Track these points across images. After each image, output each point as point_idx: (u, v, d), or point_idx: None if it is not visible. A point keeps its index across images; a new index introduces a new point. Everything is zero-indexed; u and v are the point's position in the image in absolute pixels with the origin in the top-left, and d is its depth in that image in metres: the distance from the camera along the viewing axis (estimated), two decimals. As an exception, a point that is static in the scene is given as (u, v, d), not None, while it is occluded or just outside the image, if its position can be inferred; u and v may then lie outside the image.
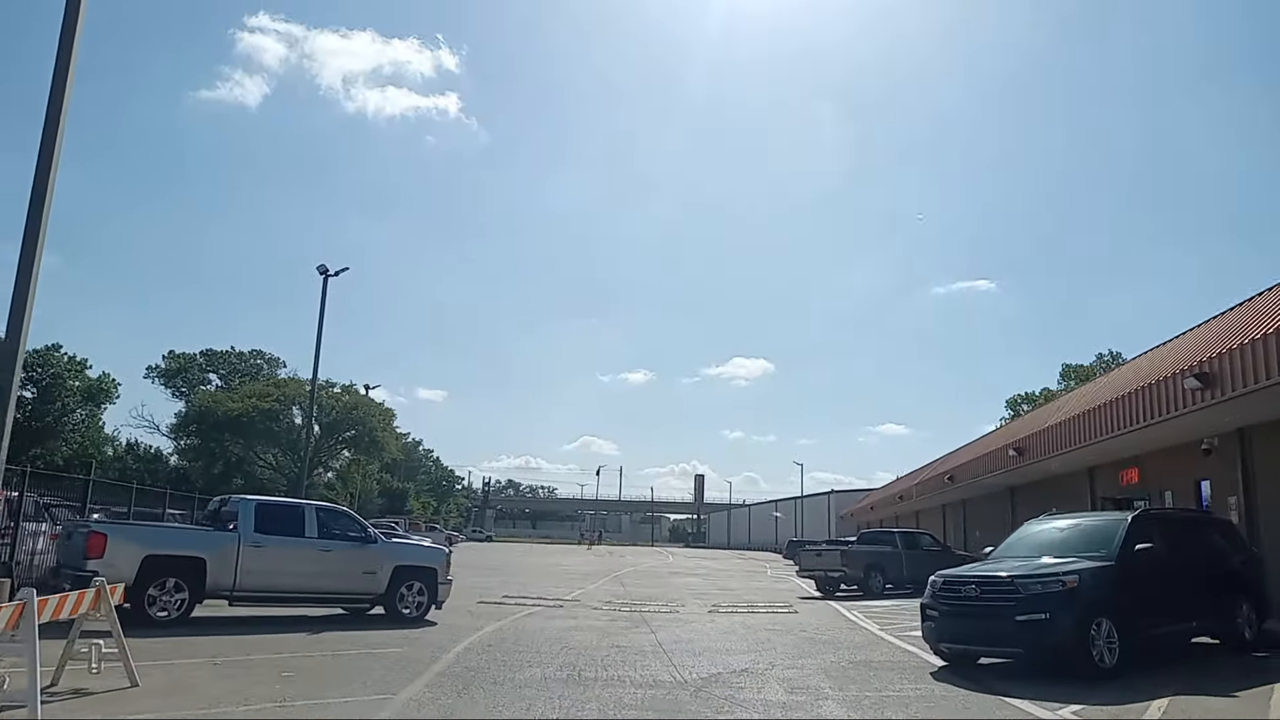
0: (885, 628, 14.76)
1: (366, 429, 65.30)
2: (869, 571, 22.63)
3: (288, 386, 66.05)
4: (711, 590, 25.71)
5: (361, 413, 66.17)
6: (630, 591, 23.64)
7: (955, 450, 35.30)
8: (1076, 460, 20.49)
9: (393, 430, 69.41)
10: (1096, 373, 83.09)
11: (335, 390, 67.13)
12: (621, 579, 30.35)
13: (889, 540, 23.80)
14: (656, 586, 26.78)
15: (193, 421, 64.78)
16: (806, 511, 79.93)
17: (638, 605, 19.02)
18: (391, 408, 70.33)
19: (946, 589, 10.25)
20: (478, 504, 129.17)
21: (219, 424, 63.00)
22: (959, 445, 34.00)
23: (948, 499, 34.06)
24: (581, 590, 23.63)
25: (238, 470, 64.58)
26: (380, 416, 66.92)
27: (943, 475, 30.20)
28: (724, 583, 30.52)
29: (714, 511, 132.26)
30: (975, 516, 31.39)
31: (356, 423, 65.43)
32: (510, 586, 24.09)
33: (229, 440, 64.48)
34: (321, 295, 29.95)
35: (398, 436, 73.06)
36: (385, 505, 69.71)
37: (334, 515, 13.88)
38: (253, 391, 65.54)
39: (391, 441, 68.23)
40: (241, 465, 65.64)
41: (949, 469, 29.78)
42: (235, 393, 66.59)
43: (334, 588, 13.34)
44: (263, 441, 65.77)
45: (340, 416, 66.15)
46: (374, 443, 65.64)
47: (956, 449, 52.10)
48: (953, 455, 34.58)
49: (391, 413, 69.78)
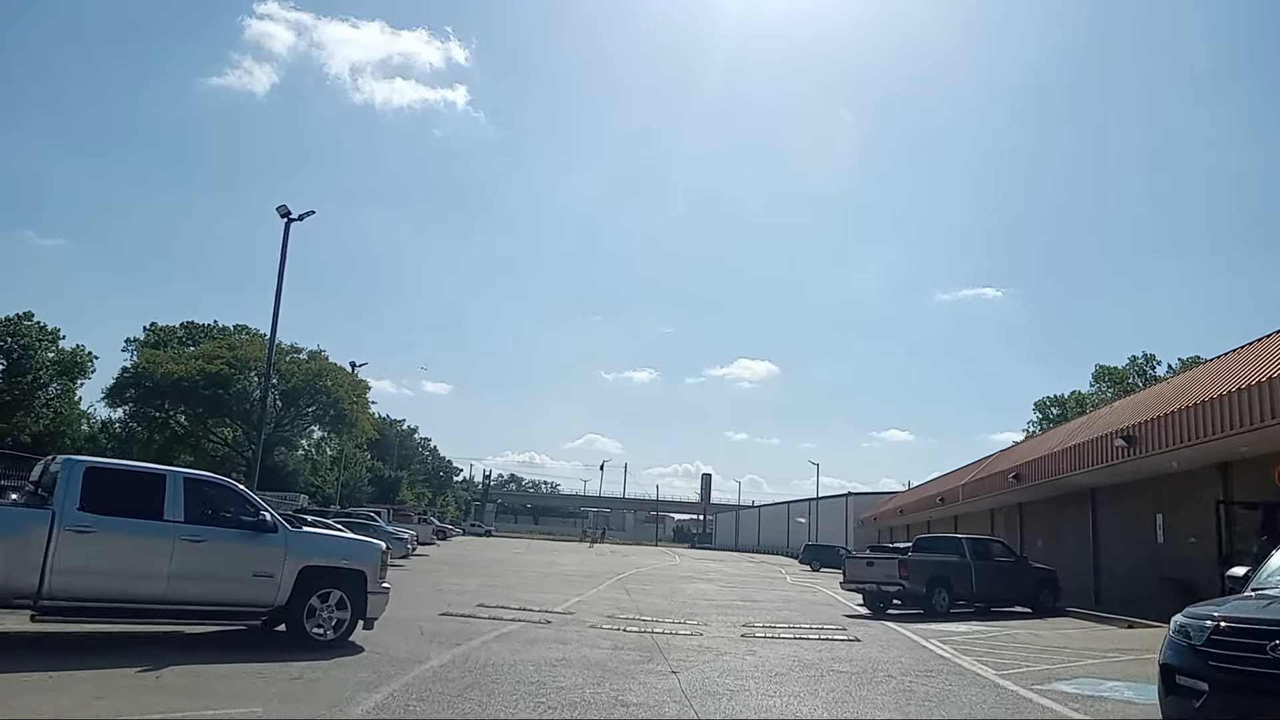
0: (1004, 673, 10.43)
1: (332, 399, 57.43)
2: (933, 586, 18.32)
3: (242, 348, 57.93)
4: (734, 601, 21.43)
5: (328, 381, 58.42)
6: (637, 602, 19.39)
7: (1011, 447, 31.01)
8: (1210, 453, 16.11)
9: (366, 404, 62.08)
10: (1130, 375, 79.18)
11: (299, 356, 59.24)
12: (626, 584, 26.10)
13: (955, 548, 19.48)
14: (667, 595, 22.52)
15: (128, 385, 56.36)
16: (822, 514, 75.49)
17: (648, 623, 14.74)
18: (366, 379, 62.68)
19: (1229, 644, 5.85)
20: (478, 497, 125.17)
21: (158, 389, 55.15)
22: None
23: (1001, 502, 29.69)
24: (578, 598, 19.37)
25: (183, 444, 58.58)
26: (350, 387, 59.03)
27: (1003, 474, 25.84)
28: (745, 591, 26.21)
29: (721, 512, 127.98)
30: (1037, 522, 27.00)
31: (321, 392, 57.61)
32: (492, 591, 19.84)
33: (170, 409, 57.20)
34: (283, 241, 25.86)
35: (373, 413, 66.03)
36: (375, 494, 65.55)
37: (212, 491, 9.55)
38: (200, 353, 57.61)
39: (364, 417, 60.39)
40: (188, 439, 59.38)
41: (1010, 466, 25.40)
42: (179, 354, 59.06)
43: (205, 596, 9.05)
44: (211, 411, 58.00)
45: (302, 384, 57.99)
46: (341, 416, 57.85)
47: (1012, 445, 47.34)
48: (1010, 452, 30.20)
49: (365, 384, 62.80)
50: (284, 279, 25.57)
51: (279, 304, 25.43)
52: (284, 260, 25.69)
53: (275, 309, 25.38)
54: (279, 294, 25.45)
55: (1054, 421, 76.66)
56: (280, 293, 25.43)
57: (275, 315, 25.47)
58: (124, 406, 57.75)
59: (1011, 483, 24.43)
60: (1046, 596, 20.23)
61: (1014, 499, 28.35)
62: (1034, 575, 20.27)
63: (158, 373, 54.94)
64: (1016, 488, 25.09)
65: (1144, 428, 17.15)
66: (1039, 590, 20.15)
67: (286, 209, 25.57)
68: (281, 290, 25.49)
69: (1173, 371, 74.23)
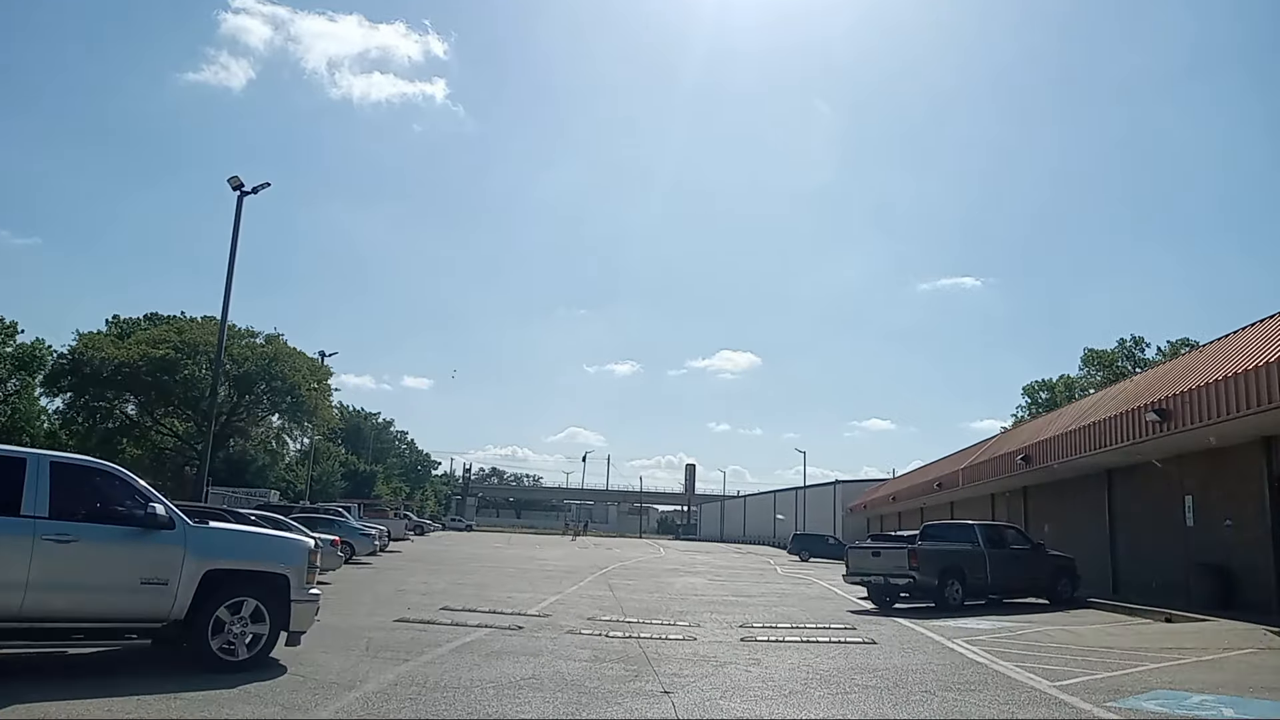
0: (1061, 684, 8.74)
1: (288, 385, 52.47)
2: (945, 577, 16.68)
3: (191, 331, 53.71)
4: (726, 597, 19.74)
5: (284, 366, 53.70)
6: (621, 600, 17.66)
7: (1015, 428, 29.51)
8: (1254, 427, 14.53)
9: (328, 391, 57.62)
10: (1119, 359, 78.22)
11: (254, 339, 55.06)
12: (609, 578, 24.38)
13: (967, 536, 17.85)
14: (654, 590, 20.81)
15: (66, 373, 52.50)
16: (810, 503, 74.06)
17: (634, 625, 13.02)
18: (330, 367, 58.42)
19: None
20: (458, 492, 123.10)
21: (97, 376, 51.02)
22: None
23: (1004, 486, 28.17)
24: (557, 596, 17.62)
25: (128, 435, 55.43)
26: (310, 372, 54.31)
27: (1007, 457, 24.30)
28: (736, 585, 24.56)
29: (706, 503, 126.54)
30: (1043, 507, 25.48)
31: (276, 378, 52.72)
32: (461, 591, 18.05)
33: (114, 398, 53.17)
34: (235, 215, 23.83)
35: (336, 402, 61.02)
36: (349, 489, 63.40)
37: (87, 478, 7.65)
38: (144, 337, 52.97)
39: (324, 404, 55.85)
40: (133, 430, 56.13)
41: (1018, 448, 23.85)
42: (119, 339, 54.69)
43: (77, 611, 7.18)
44: (158, 400, 53.81)
45: (256, 370, 53.49)
46: (299, 404, 53.22)
47: (1017, 425, 45.98)
48: (1014, 433, 28.69)
49: (327, 370, 58.30)
50: (236, 255, 23.59)
51: (231, 282, 23.45)
52: (237, 235, 23.71)
53: (227, 287, 23.40)
54: (230, 271, 23.48)
55: (1043, 405, 75.54)
56: (232, 270, 23.45)
57: (227, 294, 23.49)
58: (62, 396, 54.05)
59: (1020, 465, 22.87)
60: (1065, 586, 18.68)
61: (1018, 483, 26.85)
62: (1051, 563, 18.70)
63: (96, 358, 50.99)
64: (1023, 471, 23.56)
65: (1178, 400, 15.55)
66: (1056, 579, 18.59)
67: (239, 180, 23.55)
68: (234, 267, 23.51)
69: (1162, 354, 73.35)
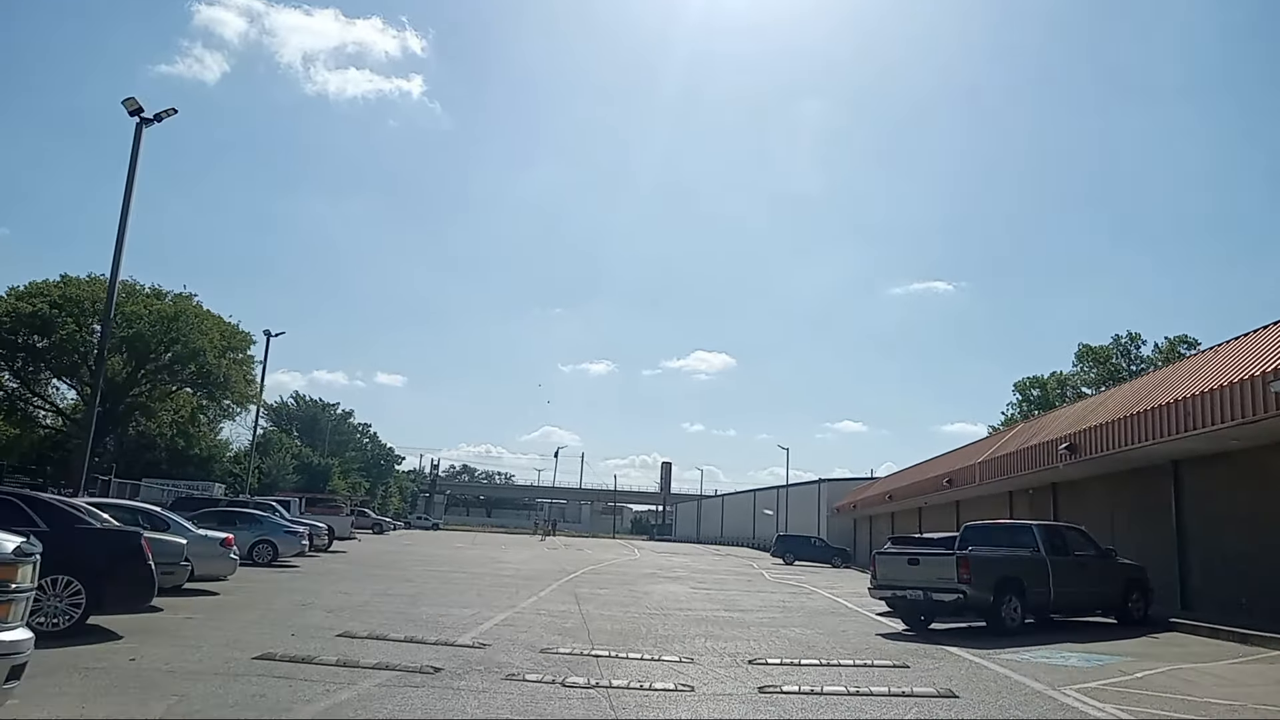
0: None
1: (190, 351, 43.39)
2: (1002, 592, 13.05)
3: (76, 287, 44.66)
4: (718, 612, 16.03)
5: (186, 328, 44.55)
6: (589, 617, 13.90)
7: (1042, 415, 26.05)
8: None
9: (248, 362, 48.36)
10: (1113, 355, 75.61)
11: (149, 295, 45.88)
12: (576, 586, 20.62)
13: (1024, 539, 14.24)
14: (629, 602, 17.06)
15: None
16: (792, 503, 70.57)
17: (604, 661, 9.31)
18: (248, 332, 49.54)
19: None
20: (426, 488, 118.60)
21: None
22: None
23: (1032, 482, 24.72)
24: (507, 614, 13.82)
25: None
26: (220, 336, 45.23)
27: (1046, 446, 20.81)
28: (726, 595, 20.88)
29: (682, 502, 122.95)
30: (1080, 505, 21.94)
31: (176, 341, 43.74)
32: (385, 606, 14.21)
33: None
34: (134, 144, 19.76)
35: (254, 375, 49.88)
36: (303, 483, 58.98)
37: None
38: (16, 292, 43.88)
39: (240, 377, 46.24)
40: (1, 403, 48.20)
41: (1058, 437, 20.32)
42: None
43: None
44: (31, 365, 45.23)
45: (151, 332, 44.14)
46: (206, 375, 44.21)
47: (1009, 423, 42.89)
48: (1041, 421, 25.14)
49: (246, 338, 48.96)
50: (133, 193, 19.51)
51: (125, 225, 19.34)
52: (134, 168, 19.64)
53: (120, 232, 19.27)
54: (125, 210, 19.36)
55: (1034, 403, 72.78)
56: (128, 208, 19.35)
57: (119, 241, 19.32)
58: None
59: (1062, 456, 19.38)
60: (1137, 602, 15.15)
61: (1048, 478, 23.38)
62: (1122, 574, 15.15)
63: None
64: (1062, 464, 20.08)
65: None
66: (1128, 594, 15.05)
67: (136, 104, 19.51)
68: (129, 205, 19.42)
69: (1159, 351, 70.92)
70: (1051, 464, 20.65)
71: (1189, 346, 69.49)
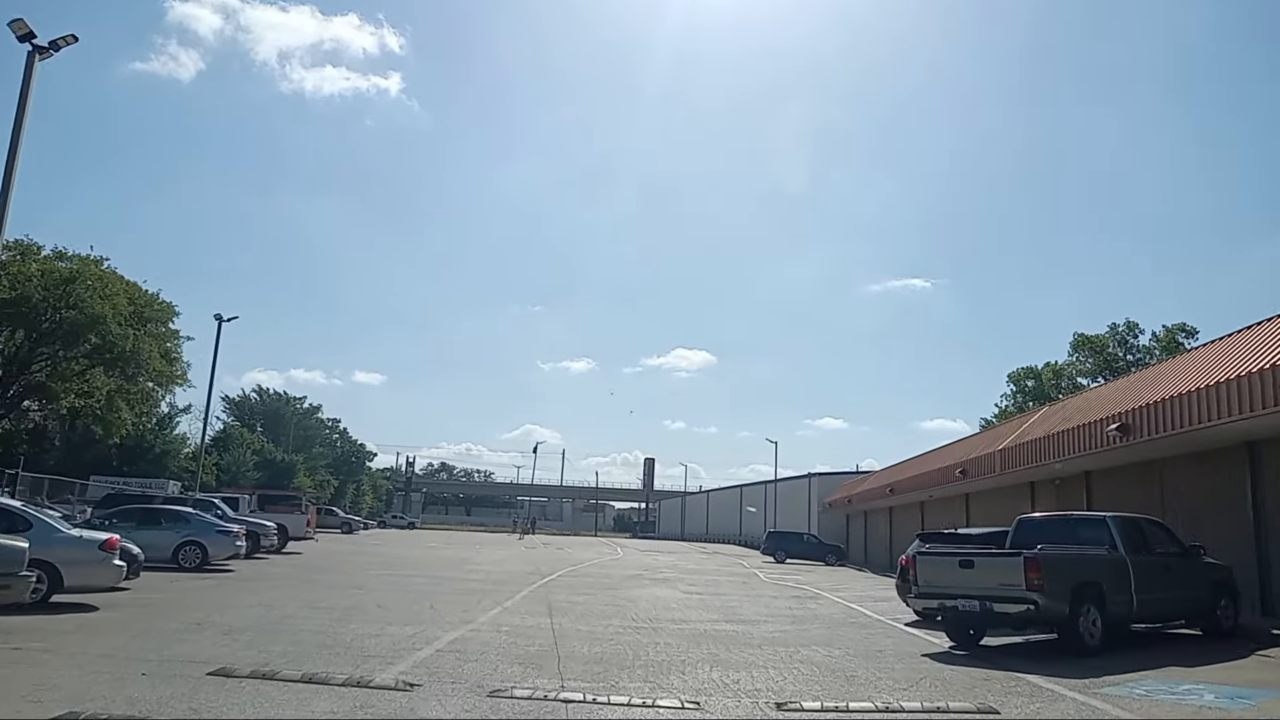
0: None
1: (88, 319, 36.21)
2: (1079, 601, 10.36)
3: None
4: (718, 624, 13.29)
5: (84, 291, 37.68)
6: (563, 631, 11.13)
7: (1072, 396, 23.49)
8: None
9: (170, 337, 41.95)
10: (1110, 344, 73.56)
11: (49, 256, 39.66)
12: (552, 592, 17.81)
13: (1098, 534, 11.54)
14: (613, 613, 14.28)
15: None
16: (781, 498, 67.94)
17: (578, 704, 6.56)
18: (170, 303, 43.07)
19: None
20: (400, 486, 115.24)
21: None
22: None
23: (1055, 472, 22.18)
24: (462, 630, 11.03)
25: None
26: (130, 303, 38.45)
27: (1088, 428, 18.19)
28: (723, 600, 18.15)
29: (665, 499, 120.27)
30: (1117, 498, 19.28)
31: (70, 308, 36.74)
32: (307, 624, 11.36)
33: None
34: (25, 76, 16.71)
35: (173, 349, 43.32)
36: (264, 479, 55.66)
37: None
38: None
39: (152, 350, 39.02)
40: None
41: (1105, 416, 17.69)
42: None
43: None
44: None
45: (40, 296, 37.42)
46: (109, 347, 36.96)
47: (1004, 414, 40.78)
48: (1078, 401, 22.49)
49: (167, 308, 42.48)
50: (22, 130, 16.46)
51: (12, 172, 16.28)
52: (24, 103, 16.58)
53: (5, 179, 16.21)
54: (13, 156, 16.31)
55: (1030, 394, 70.66)
56: (15, 155, 16.30)
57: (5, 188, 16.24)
58: None
59: (1113, 437, 16.75)
60: (1227, 610, 12.53)
61: (1079, 466, 20.83)
62: (1208, 576, 12.52)
63: None
64: (1108, 448, 17.46)
65: None
66: (1215, 600, 12.44)
67: (26, 27, 16.47)
68: (18, 144, 16.36)
69: (1157, 339, 68.93)
70: (1094, 448, 18.02)
71: (1188, 335, 67.54)
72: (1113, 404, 18.08)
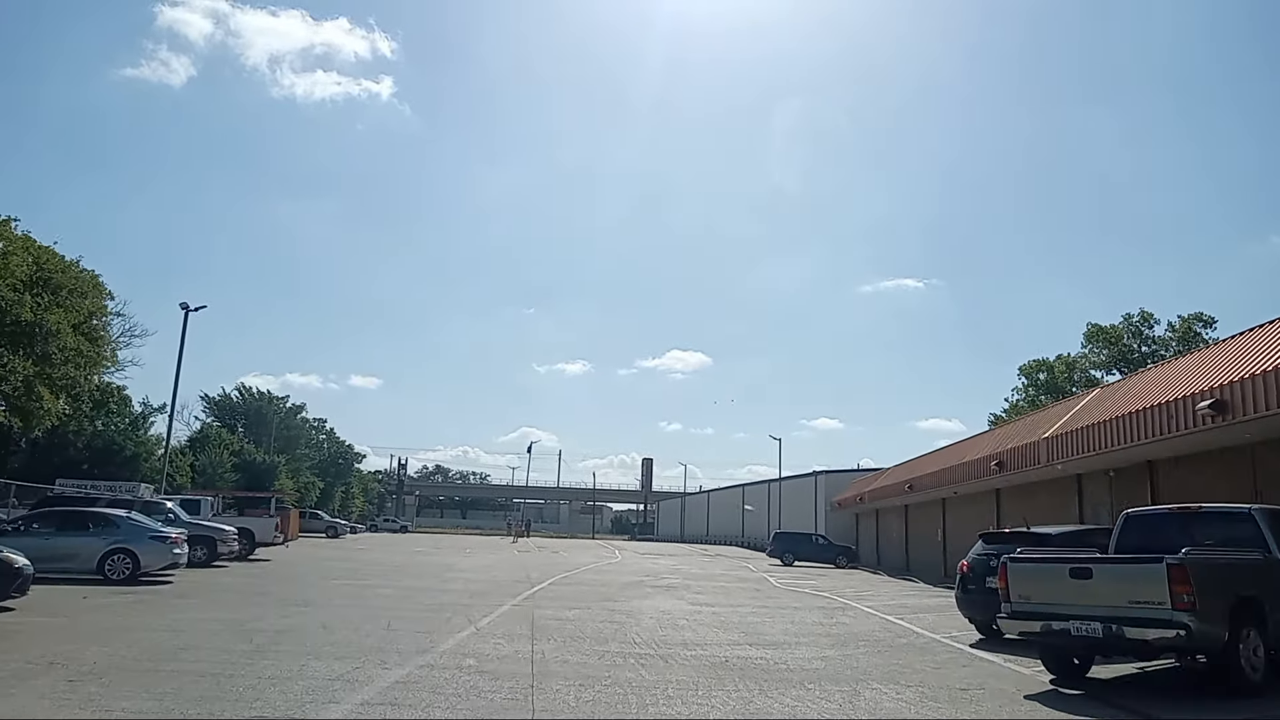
0: None
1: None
2: (1239, 622, 7.71)
3: None
4: (741, 651, 10.59)
5: None
6: (546, 665, 8.45)
7: (1016, 410, 20.88)
8: None
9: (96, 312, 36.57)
10: (1124, 335, 71.13)
11: None
12: (538, 606, 15.09)
13: (1240, 532, 8.84)
14: (610, 634, 11.58)
15: None
16: (786, 497, 65.18)
17: None
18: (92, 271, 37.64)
19: None
20: (393, 489, 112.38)
21: None
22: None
23: (1110, 462, 19.53)
24: (414, 665, 8.34)
25: None
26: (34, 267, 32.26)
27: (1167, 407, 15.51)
28: (736, 613, 15.44)
29: (664, 500, 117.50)
30: (1182, 490, 16.63)
31: None
32: (214, 654, 8.63)
33: None
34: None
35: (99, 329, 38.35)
36: (243, 481, 52.82)
37: None
38: None
39: (61, 322, 32.54)
40: None
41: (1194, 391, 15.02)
42: None
43: None
44: None
45: None
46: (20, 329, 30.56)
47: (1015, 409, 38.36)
48: (1137, 380, 19.77)
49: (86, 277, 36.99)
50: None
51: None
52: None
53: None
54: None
55: (1040, 387, 68.36)
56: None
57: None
58: None
59: (1204, 417, 14.10)
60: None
61: (1139, 455, 18.15)
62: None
63: None
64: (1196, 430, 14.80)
65: None
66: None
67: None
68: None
69: (1173, 330, 66.57)
70: (1174, 431, 15.33)
71: (1205, 324, 65.25)
72: (1197, 379, 15.39)
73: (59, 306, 34.02)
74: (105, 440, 48.49)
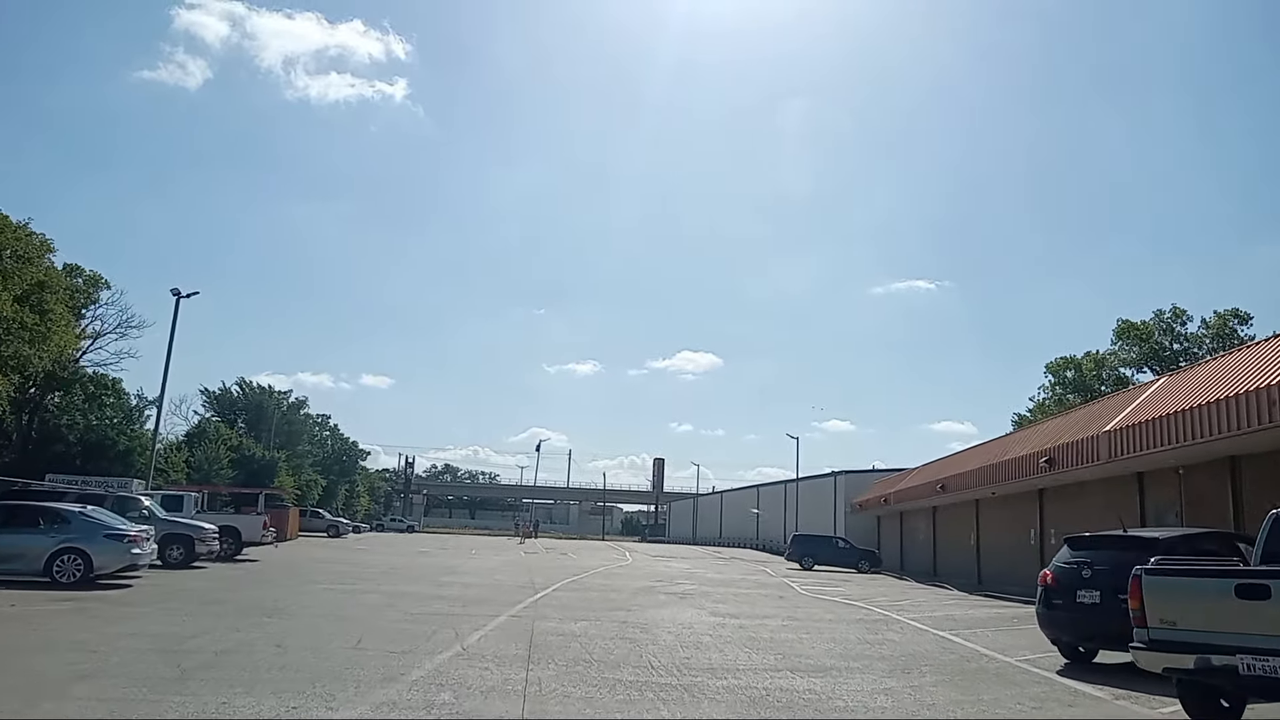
0: None
1: None
2: None
3: None
4: (783, 679, 8.63)
5: None
6: (543, 703, 6.45)
7: (1042, 410, 18.88)
8: None
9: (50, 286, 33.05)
10: (1156, 332, 68.76)
11: None
12: (540, 618, 13.14)
13: None
14: (621, 658, 9.63)
15: None
16: (804, 498, 62.99)
17: None
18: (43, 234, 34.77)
19: None
20: (400, 488, 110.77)
21: None
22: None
23: (1183, 458, 17.44)
24: (372, 702, 6.33)
25: None
26: None
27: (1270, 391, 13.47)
28: (765, 627, 13.47)
29: (675, 500, 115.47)
30: (1272, 490, 14.56)
31: None
32: (109, 687, 6.64)
33: None
34: None
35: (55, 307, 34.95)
36: (242, 478, 51.07)
37: None
38: None
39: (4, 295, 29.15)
40: None
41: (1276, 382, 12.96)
42: None
43: None
44: None
45: None
46: None
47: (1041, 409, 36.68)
48: (1196, 372, 17.69)
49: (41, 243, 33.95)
50: None
51: None
52: None
53: None
54: None
55: (1068, 385, 66.08)
56: None
57: None
58: None
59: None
60: None
61: (1221, 449, 16.09)
62: None
63: None
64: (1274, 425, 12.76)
65: None
66: None
67: None
68: None
69: (1206, 326, 64.26)
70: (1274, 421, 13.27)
71: (1241, 321, 62.89)
72: None
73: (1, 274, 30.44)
74: (98, 434, 46.91)
